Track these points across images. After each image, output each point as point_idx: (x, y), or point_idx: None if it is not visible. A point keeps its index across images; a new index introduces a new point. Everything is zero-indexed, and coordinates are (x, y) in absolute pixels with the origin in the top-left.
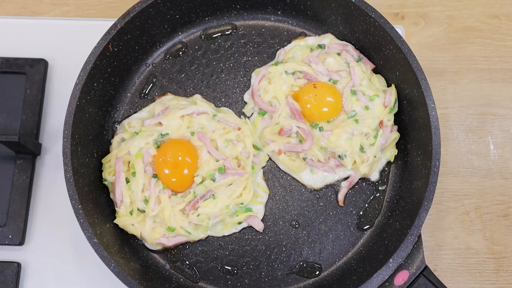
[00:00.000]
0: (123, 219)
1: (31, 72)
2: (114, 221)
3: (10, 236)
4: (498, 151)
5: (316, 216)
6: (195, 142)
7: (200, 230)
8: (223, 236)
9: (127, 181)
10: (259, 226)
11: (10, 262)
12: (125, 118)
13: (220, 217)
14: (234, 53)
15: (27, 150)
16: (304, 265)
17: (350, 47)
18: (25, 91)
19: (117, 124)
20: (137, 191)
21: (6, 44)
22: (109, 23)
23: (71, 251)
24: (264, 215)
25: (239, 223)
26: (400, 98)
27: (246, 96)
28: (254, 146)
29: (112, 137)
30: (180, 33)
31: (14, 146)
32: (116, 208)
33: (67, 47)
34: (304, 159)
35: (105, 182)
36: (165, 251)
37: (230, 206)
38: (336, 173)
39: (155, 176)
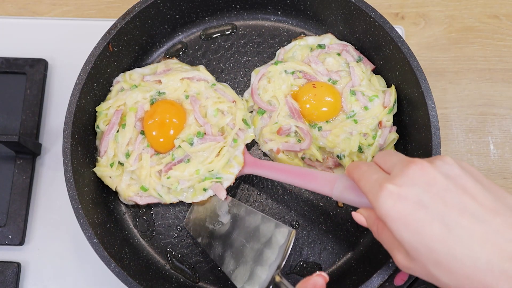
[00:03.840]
0: (102, 169)
1: (31, 72)
2: (93, 169)
3: (10, 236)
4: (498, 151)
5: (316, 216)
6: (186, 105)
7: (172, 194)
8: None
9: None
10: (221, 194)
11: (10, 262)
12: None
13: (190, 183)
14: (234, 53)
15: (27, 150)
16: (304, 265)
17: (350, 47)
18: (25, 91)
19: None
20: (123, 142)
21: (6, 44)
22: (109, 23)
23: (71, 251)
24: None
25: (204, 189)
26: (400, 98)
27: (246, 95)
28: (244, 121)
29: None
30: (180, 33)
31: (14, 146)
32: (97, 157)
33: (67, 47)
34: (302, 158)
35: (97, 129)
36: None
37: (200, 171)
38: (334, 173)
39: (142, 133)
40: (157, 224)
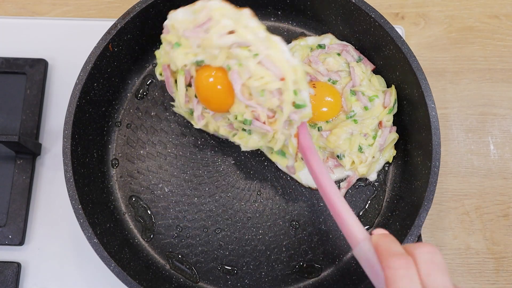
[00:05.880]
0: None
1: (31, 72)
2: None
3: (10, 236)
4: (498, 151)
5: (316, 216)
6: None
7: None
8: (223, 236)
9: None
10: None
11: (10, 262)
12: (125, 116)
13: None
14: None
15: (27, 150)
16: (304, 265)
17: (350, 47)
18: (25, 91)
19: (117, 124)
20: (181, 103)
21: (6, 44)
22: (109, 23)
23: (71, 251)
24: (265, 215)
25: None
26: (400, 98)
27: None
28: (295, 105)
29: (110, 136)
30: None
31: (14, 146)
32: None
33: (67, 47)
34: (302, 158)
35: (159, 77)
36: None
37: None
38: (334, 173)
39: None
40: (157, 224)
